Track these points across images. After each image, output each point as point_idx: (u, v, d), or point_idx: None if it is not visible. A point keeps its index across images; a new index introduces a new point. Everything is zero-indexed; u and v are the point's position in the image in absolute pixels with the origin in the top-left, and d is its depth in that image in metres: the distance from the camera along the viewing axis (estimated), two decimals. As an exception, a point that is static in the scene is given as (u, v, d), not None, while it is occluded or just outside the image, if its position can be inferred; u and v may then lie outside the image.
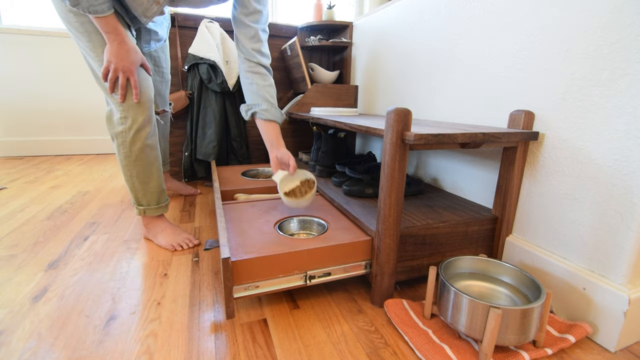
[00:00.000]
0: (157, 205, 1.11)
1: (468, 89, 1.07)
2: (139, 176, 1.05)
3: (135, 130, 1.00)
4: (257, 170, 1.60)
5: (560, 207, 0.81)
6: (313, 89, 1.75)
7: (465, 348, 0.67)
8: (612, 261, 0.71)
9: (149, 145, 1.04)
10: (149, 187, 1.08)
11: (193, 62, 1.67)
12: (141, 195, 1.08)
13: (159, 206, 1.11)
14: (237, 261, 0.73)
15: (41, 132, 2.61)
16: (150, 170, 1.06)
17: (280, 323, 0.77)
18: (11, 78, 2.45)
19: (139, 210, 1.10)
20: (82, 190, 1.74)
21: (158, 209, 1.11)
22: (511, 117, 0.87)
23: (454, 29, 1.11)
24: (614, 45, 0.68)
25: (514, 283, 0.76)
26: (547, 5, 0.81)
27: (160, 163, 1.10)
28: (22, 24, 2.48)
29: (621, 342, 0.70)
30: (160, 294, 0.87)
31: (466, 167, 1.11)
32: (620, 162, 0.68)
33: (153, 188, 1.08)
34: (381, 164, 0.82)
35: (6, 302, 0.82)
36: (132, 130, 1.00)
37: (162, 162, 1.43)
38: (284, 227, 0.96)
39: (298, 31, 1.94)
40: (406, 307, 0.80)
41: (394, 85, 1.49)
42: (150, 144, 1.04)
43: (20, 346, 0.68)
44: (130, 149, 1.01)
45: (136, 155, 1.02)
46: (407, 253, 0.86)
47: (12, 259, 1.03)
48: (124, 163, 1.03)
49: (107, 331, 0.73)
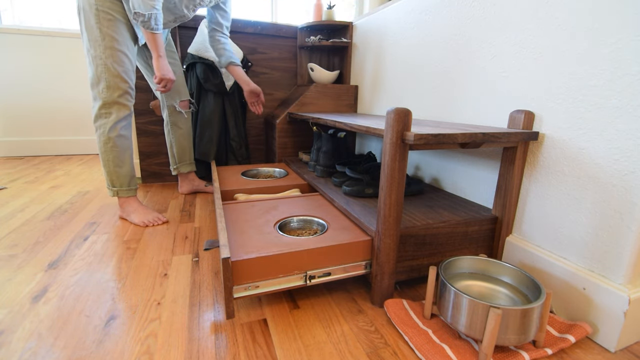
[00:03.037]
0: (128, 188, 1.31)
1: (468, 89, 1.07)
2: (114, 161, 1.26)
3: (114, 122, 1.21)
4: (257, 170, 1.60)
5: (560, 207, 0.81)
6: (313, 89, 1.75)
7: (465, 348, 0.67)
8: (612, 261, 0.71)
9: (123, 135, 1.25)
10: (122, 171, 1.28)
11: (191, 62, 1.67)
12: (115, 178, 1.28)
13: (129, 188, 1.32)
14: (237, 261, 0.73)
15: (41, 132, 2.61)
16: (124, 156, 1.27)
17: (280, 323, 0.77)
18: (11, 78, 2.45)
19: (113, 191, 1.30)
20: (82, 190, 1.73)
21: (129, 191, 1.32)
22: (511, 117, 0.87)
23: (454, 29, 1.11)
24: (614, 45, 0.68)
25: (514, 283, 0.77)
26: (547, 6, 0.81)
27: (131, 153, 1.31)
28: (22, 24, 2.48)
29: (621, 342, 0.70)
30: (160, 294, 0.87)
31: (466, 167, 1.11)
32: (620, 162, 0.68)
33: (125, 172, 1.29)
34: (381, 164, 0.82)
35: (6, 302, 0.82)
36: (111, 122, 1.21)
37: (186, 163, 1.63)
38: (284, 227, 0.96)
39: (298, 31, 1.94)
40: (406, 307, 0.80)
41: (394, 85, 1.49)
42: (124, 134, 1.25)
43: (20, 346, 0.68)
44: (108, 137, 1.22)
45: (113, 142, 1.23)
46: (407, 253, 0.86)
47: (12, 259, 1.03)
48: (103, 149, 1.24)
49: (107, 331, 0.73)
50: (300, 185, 1.37)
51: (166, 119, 1.55)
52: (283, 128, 1.75)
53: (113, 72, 1.17)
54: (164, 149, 1.85)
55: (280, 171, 1.57)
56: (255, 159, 2.06)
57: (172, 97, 1.51)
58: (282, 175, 1.53)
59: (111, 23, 1.14)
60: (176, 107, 1.52)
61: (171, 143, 1.59)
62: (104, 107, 1.19)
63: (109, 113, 1.20)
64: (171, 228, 1.28)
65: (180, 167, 1.63)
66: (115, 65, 1.17)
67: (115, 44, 1.16)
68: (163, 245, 1.14)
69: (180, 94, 1.52)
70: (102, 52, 1.15)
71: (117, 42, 1.16)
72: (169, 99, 1.51)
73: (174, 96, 1.51)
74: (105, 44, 1.15)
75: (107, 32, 1.14)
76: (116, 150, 1.24)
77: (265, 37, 1.90)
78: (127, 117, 1.25)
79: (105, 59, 1.16)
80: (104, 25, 1.14)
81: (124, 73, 1.20)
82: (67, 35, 2.49)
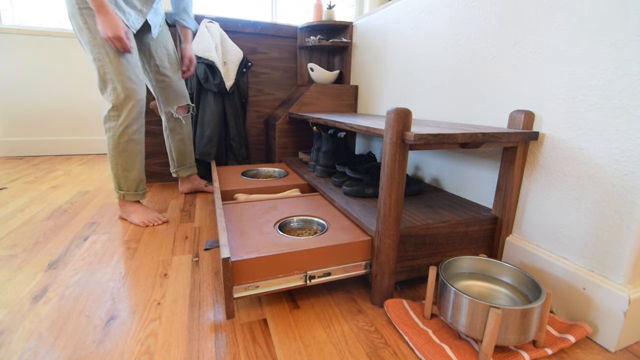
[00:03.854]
0: (135, 192, 1.29)
1: (468, 89, 1.07)
2: (124, 165, 1.23)
3: (125, 126, 1.18)
4: (257, 170, 1.60)
5: (560, 207, 0.81)
6: (313, 89, 1.75)
7: (465, 348, 0.67)
8: (612, 261, 0.71)
9: (135, 140, 1.22)
10: (130, 175, 1.25)
11: (192, 62, 1.67)
12: (122, 182, 1.25)
13: (136, 193, 1.29)
14: (237, 261, 0.73)
15: (41, 132, 2.61)
16: (133, 161, 1.24)
17: (280, 323, 0.77)
18: (11, 78, 2.45)
19: (119, 194, 1.27)
20: (82, 190, 1.73)
21: (135, 195, 1.29)
22: (511, 117, 0.87)
23: (454, 29, 1.11)
24: (614, 45, 0.68)
25: (514, 283, 0.77)
26: (547, 6, 0.81)
27: (142, 157, 1.27)
28: (22, 24, 2.48)
29: (621, 342, 0.70)
30: (160, 294, 0.87)
31: (466, 167, 1.11)
32: (620, 162, 0.68)
33: (134, 177, 1.26)
34: (381, 164, 0.82)
35: (6, 302, 0.82)
36: (122, 126, 1.18)
37: (186, 167, 1.58)
38: (284, 227, 0.96)
39: (298, 31, 1.94)
40: (406, 307, 0.80)
41: (394, 85, 1.49)
42: (136, 138, 1.22)
43: (20, 346, 0.68)
44: (118, 141, 1.19)
45: (123, 146, 1.20)
46: (407, 253, 0.86)
47: (12, 259, 1.03)
48: (112, 153, 1.21)
49: (107, 331, 0.73)
50: (300, 185, 1.37)
51: (165, 123, 1.51)
52: (283, 128, 1.75)
53: (116, 71, 1.12)
54: (164, 149, 1.84)
55: (280, 171, 1.57)
56: (255, 159, 2.06)
57: (170, 103, 1.44)
58: (282, 175, 1.53)
59: None
60: (173, 114, 1.47)
61: (170, 148, 1.55)
62: (113, 109, 1.16)
63: (117, 115, 1.17)
64: (171, 228, 1.28)
65: (180, 171, 1.60)
66: (116, 62, 1.11)
67: None
68: (163, 245, 1.14)
69: (179, 99, 1.45)
70: (98, 52, 1.10)
71: None
72: (166, 105, 1.45)
73: (172, 102, 1.44)
74: (98, 42, 1.09)
75: (95, 28, 1.08)
76: (125, 155, 1.21)
77: (265, 37, 1.90)
78: (137, 119, 1.20)
79: (103, 59, 1.11)
80: (90, 22, 1.08)
81: (128, 69, 1.14)
82: (67, 35, 2.49)
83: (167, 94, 1.43)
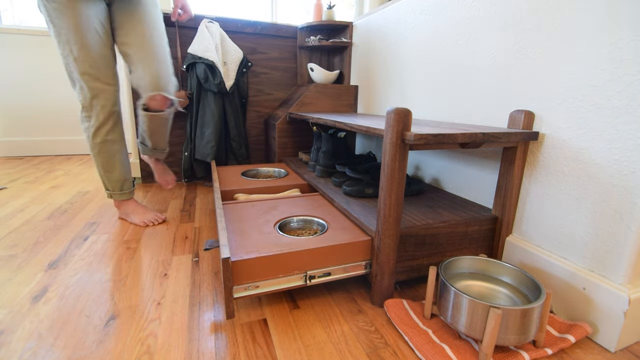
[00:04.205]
0: (120, 192, 1.28)
1: (468, 89, 1.07)
2: (104, 166, 1.21)
3: (96, 127, 1.14)
4: (257, 170, 1.60)
5: (560, 207, 0.81)
6: (313, 89, 1.75)
7: (465, 348, 0.67)
8: (612, 261, 0.71)
9: (110, 140, 1.17)
10: (112, 176, 1.23)
11: (191, 62, 1.67)
12: (107, 182, 1.25)
13: (122, 192, 1.28)
14: (237, 261, 0.73)
15: (41, 132, 2.61)
16: (112, 161, 1.21)
17: (280, 323, 0.77)
18: (11, 78, 2.45)
19: (107, 193, 1.27)
20: (82, 190, 1.73)
21: (121, 195, 1.28)
22: (511, 117, 0.87)
23: (454, 29, 1.11)
24: (613, 45, 0.68)
25: (514, 283, 0.77)
26: (547, 6, 0.81)
27: (123, 156, 1.23)
28: (22, 24, 2.48)
29: (621, 342, 0.70)
30: (160, 294, 0.87)
31: (466, 167, 1.11)
32: (620, 162, 0.68)
33: (116, 177, 1.24)
34: (381, 164, 0.82)
35: (6, 302, 0.82)
36: (93, 127, 1.14)
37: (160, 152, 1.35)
38: (284, 227, 0.96)
39: (298, 31, 1.94)
40: (406, 307, 0.80)
41: (394, 85, 1.49)
42: (110, 139, 1.17)
43: (20, 346, 0.68)
44: (93, 143, 1.16)
45: (99, 148, 1.17)
46: (407, 253, 0.86)
47: (12, 259, 1.03)
48: (91, 154, 1.20)
49: (107, 331, 0.73)
50: (300, 185, 1.37)
51: None
52: (283, 128, 1.75)
53: (81, 69, 1.03)
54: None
55: (280, 171, 1.57)
56: (255, 159, 2.06)
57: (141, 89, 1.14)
58: (282, 175, 1.53)
59: (58, 12, 0.97)
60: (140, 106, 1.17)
61: None
62: (83, 110, 1.12)
63: (88, 116, 1.12)
64: (171, 228, 1.28)
65: None
66: (81, 60, 1.02)
67: (72, 35, 0.99)
68: (163, 245, 1.14)
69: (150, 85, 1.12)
70: (63, 49, 1.02)
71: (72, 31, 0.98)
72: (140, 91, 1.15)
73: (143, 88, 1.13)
74: (62, 39, 1.00)
75: (58, 23, 0.99)
76: (103, 156, 1.18)
77: (265, 37, 1.90)
78: (109, 119, 1.12)
79: (68, 57, 1.03)
80: (53, 16, 0.98)
81: (94, 68, 1.04)
82: (67, 35, 2.49)
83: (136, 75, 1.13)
